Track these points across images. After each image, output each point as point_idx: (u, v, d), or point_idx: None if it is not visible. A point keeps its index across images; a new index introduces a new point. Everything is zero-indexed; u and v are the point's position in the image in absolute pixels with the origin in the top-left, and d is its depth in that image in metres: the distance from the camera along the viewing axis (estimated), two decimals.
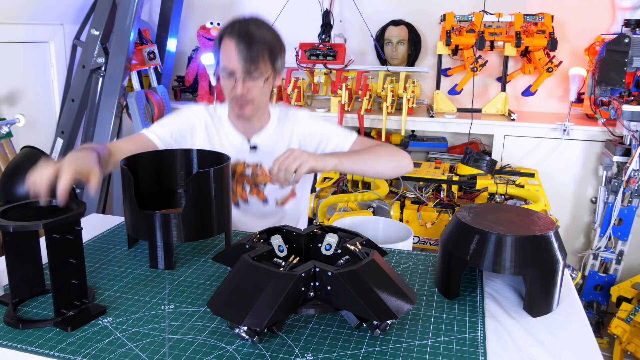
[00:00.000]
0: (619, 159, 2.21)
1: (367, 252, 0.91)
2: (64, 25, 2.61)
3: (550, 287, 0.94)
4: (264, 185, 1.51)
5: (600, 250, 2.32)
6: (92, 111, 2.50)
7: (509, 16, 2.51)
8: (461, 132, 2.62)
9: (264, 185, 1.51)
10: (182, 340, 0.85)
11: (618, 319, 2.07)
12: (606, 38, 2.37)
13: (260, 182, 1.51)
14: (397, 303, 0.84)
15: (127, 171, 1.09)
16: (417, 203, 2.18)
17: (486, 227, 0.95)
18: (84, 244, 0.98)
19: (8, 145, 2.19)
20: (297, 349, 0.83)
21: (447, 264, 1.00)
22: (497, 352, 0.83)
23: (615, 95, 2.28)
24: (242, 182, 1.51)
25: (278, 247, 0.98)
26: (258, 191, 1.52)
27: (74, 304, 0.92)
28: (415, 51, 2.79)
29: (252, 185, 1.51)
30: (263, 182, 1.51)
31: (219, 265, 1.12)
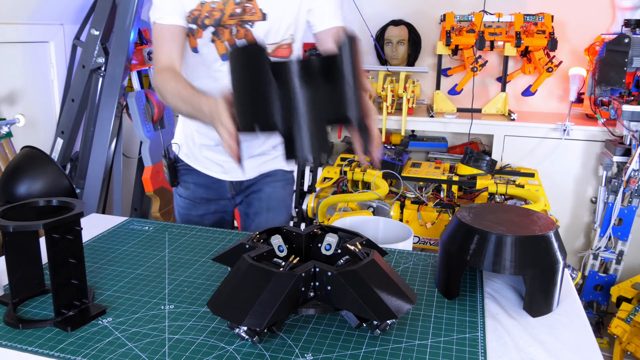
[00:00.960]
0: (619, 159, 2.21)
1: (367, 252, 0.91)
2: (64, 25, 2.61)
3: (550, 287, 0.94)
4: (251, 25, 1.33)
5: (600, 250, 2.32)
6: (92, 111, 2.50)
7: (509, 16, 2.51)
8: (461, 132, 2.62)
9: (252, 24, 1.33)
10: (182, 340, 0.85)
11: (618, 319, 2.07)
12: (606, 38, 2.37)
13: (249, 20, 1.33)
14: (397, 303, 0.84)
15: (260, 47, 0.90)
16: (417, 203, 2.18)
17: (486, 227, 0.95)
18: (84, 244, 0.98)
19: (8, 145, 2.19)
20: (297, 349, 0.83)
21: (447, 264, 1.00)
22: (497, 352, 0.83)
23: (615, 95, 2.28)
24: (230, 27, 1.34)
25: (278, 247, 0.98)
26: (246, 32, 1.35)
27: (74, 304, 0.92)
28: (415, 51, 2.79)
29: (239, 26, 1.34)
30: (251, 20, 1.33)
31: (219, 265, 1.12)
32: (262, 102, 0.91)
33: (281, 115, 0.90)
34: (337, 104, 0.90)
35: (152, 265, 1.13)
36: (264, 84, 0.90)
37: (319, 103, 0.89)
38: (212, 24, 1.31)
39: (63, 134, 2.51)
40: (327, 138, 0.92)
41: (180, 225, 1.36)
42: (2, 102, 2.34)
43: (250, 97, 0.93)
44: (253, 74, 0.91)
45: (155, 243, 1.25)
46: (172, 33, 1.31)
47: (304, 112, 0.88)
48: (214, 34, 1.33)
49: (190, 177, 1.55)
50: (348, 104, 0.91)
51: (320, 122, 0.91)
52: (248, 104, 0.94)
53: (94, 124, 2.47)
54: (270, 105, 0.90)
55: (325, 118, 0.91)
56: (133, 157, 2.88)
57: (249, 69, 0.92)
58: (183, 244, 1.24)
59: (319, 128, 0.90)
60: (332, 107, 0.91)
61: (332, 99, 0.90)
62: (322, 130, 0.91)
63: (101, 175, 2.42)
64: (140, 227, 1.34)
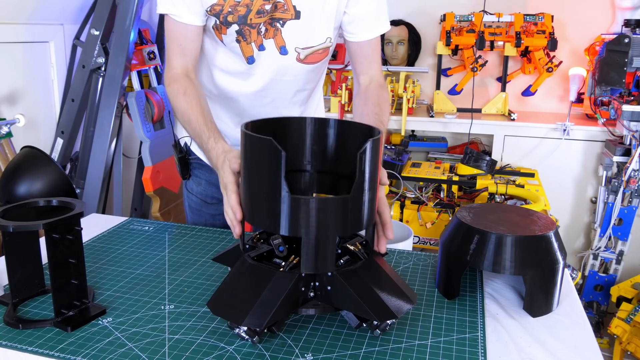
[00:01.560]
0: (619, 159, 2.21)
1: (367, 252, 0.91)
2: (64, 25, 2.61)
3: (550, 287, 0.94)
4: (282, 24, 1.18)
5: (600, 250, 2.32)
6: (92, 111, 2.49)
7: (509, 16, 2.51)
8: (461, 132, 2.62)
9: (283, 23, 1.17)
10: (182, 340, 0.85)
11: (618, 319, 2.07)
12: (606, 38, 2.37)
13: (280, 18, 1.17)
14: (397, 303, 0.84)
15: (276, 144, 0.78)
16: (417, 203, 2.18)
17: (486, 227, 0.95)
18: (84, 244, 0.98)
19: (8, 145, 2.19)
20: (297, 349, 0.83)
21: (447, 264, 1.00)
22: (497, 352, 0.83)
23: (615, 95, 2.28)
24: (258, 25, 1.17)
25: (278, 247, 0.98)
26: (275, 32, 1.18)
27: (74, 304, 0.92)
28: (415, 51, 2.79)
29: (268, 24, 1.18)
30: (282, 18, 1.17)
31: (219, 265, 1.12)
32: (269, 206, 0.82)
33: (288, 222, 0.81)
34: (351, 216, 0.82)
35: (152, 265, 1.13)
36: (274, 188, 0.80)
37: (330, 216, 0.81)
38: (236, 21, 1.15)
39: (63, 134, 2.51)
40: (333, 254, 0.84)
41: (180, 225, 1.36)
42: (2, 102, 2.34)
43: (256, 197, 0.85)
44: (264, 174, 0.82)
45: (155, 243, 1.24)
46: (189, 35, 1.18)
47: (313, 227, 0.81)
48: (238, 33, 1.17)
49: (202, 172, 1.45)
50: (362, 216, 0.84)
51: (329, 238, 0.82)
52: (254, 202, 0.86)
53: (94, 124, 2.47)
54: (279, 211, 0.81)
55: (335, 233, 0.83)
56: (133, 157, 2.88)
57: (260, 166, 0.83)
58: (183, 244, 1.24)
59: (326, 244, 0.82)
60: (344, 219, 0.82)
61: (345, 210, 0.81)
62: (328, 246, 0.83)
63: (101, 175, 2.42)
64: (140, 227, 1.34)
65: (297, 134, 0.96)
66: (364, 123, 0.94)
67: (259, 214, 0.84)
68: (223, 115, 1.34)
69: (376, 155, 0.84)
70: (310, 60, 1.24)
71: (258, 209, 0.84)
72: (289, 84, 1.27)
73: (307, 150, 0.97)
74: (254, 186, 0.84)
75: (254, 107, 1.30)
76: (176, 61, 1.20)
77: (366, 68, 1.29)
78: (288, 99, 1.30)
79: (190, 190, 1.48)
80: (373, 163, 0.82)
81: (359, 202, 0.82)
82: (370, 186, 0.83)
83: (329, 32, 1.22)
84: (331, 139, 0.96)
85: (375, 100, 1.22)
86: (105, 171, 2.43)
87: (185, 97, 1.15)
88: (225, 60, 1.24)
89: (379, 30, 1.25)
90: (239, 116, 1.33)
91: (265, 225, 0.84)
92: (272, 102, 1.30)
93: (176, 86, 1.17)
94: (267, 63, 1.22)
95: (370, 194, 0.84)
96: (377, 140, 0.83)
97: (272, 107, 1.30)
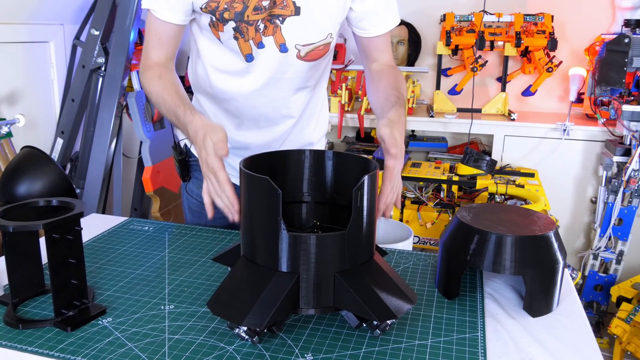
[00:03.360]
0: (619, 159, 2.21)
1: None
2: (64, 25, 2.61)
3: (550, 287, 0.94)
4: (282, 20, 1.14)
5: (600, 250, 2.32)
6: (92, 111, 2.50)
7: (509, 16, 2.51)
8: (461, 132, 2.62)
9: (282, 20, 1.14)
10: (182, 340, 0.85)
11: (618, 319, 2.07)
12: (606, 38, 2.37)
13: (279, 14, 1.14)
14: (397, 303, 0.84)
15: (272, 184, 0.80)
16: (417, 203, 2.18)
17: (486, 227, 0.95)
18: (84, 244, 0.98)
19: (8, 145, 2.19)
20: (297, 349, 0.83)
21: (447, 264, 1.00)
22: (497, 352, 0.83)
23: (615, 95, 2.28)
24: (256, 22, 1.14)
25: None
26: (275, 29, 1.15)
27: (74, 304, 0.92)
28: (415, 51, 2.79)
29: (267, 21, 1.15)
30: (282, 14, 1.14)
31: (219, 265, 1.12)
32: (268, 242, 0.83)
33: (288, 259, 0.82)
34: (349, 250, 0.83)
35: (152, 265, 1.13)
36: (272, 226, 0.81)
37: (329, 252, 0.82)
38: (233, 18, 1.12)
39: (63, 134, 2.51)
40: (332, 292, 0.84)
41: (180, 225, 1.36)
42: (2, 102, 2.34)
43: (255, 233, 0.86)
44: (262, 212, 0.83)
45: (155, 243, 1.24)
46: (167, 32, 1.16)
47: (312, 264, 0.82)
48: (235, 30, 1.14)
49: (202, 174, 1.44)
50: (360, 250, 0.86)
51: (328, 274, 0.83)
52: (252, 237, 0.87)
53: (94, 124, 2.47)
54: (277, 249, 0.82)
55: (333, 268, 0.83)
56: (133, 157, 2.88)
57: (258, 204, 0.84)
58: (183, 244, 1.24)
59: (326, 280, 0.83)
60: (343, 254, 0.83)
61: (343, 246, 0.82)
62: (328, 283, 0.83)
63: (101, 175, 2.42)
64: (140, 227, 1.34)
65: (296, 166, 0.99)
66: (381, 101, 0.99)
67: (259, 250, 0.86)
68: (222, 117, 1.32)
69: (373, 190, 0.86)
70: (310, 57, 1.22)
71: (258, 245, 0.86)
72: (289, 82, 1.25)
73: (305, 181, 1.00)
74: (253, 224, 0.86)
75: (254, 108, 1.27)
76: (153, 53, 1.19)
77: (377, 57, 1.28)
78: (289, 97, 1.28)
79: (190, 192, 1.45)
80: (370, 198, 0.85)
81: (356, 237, 0.84)
82: (368, 220, 0.85)
83: (330, 28, 1.19)
84: (329, 170, 0.99)
85: (390, 78, 1.21)
86: (105, 171, 2.44)
87: (160, 80, 1.14)
88: (223, 59, 1.22)
89: (390, 24, 1.26)
90: (238, 118, 1.30)
91: (265, 261, 0.85)
92: (273, 102, 1.27)
93: (150, 72, 1.16)
94: (267, 61, 1.19)
95: (367, 229, 0.86)
96: (374, 175, 0.85)
97: (272, 107, 1.28)
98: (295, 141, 1.37)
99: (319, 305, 0.84)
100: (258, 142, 1.33)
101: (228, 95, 1.27)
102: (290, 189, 0.99)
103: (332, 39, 1.22)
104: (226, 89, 1.26)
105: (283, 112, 1.30)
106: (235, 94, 1.26)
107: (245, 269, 0.87)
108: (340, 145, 2.85)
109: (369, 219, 0.86)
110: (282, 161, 0.98)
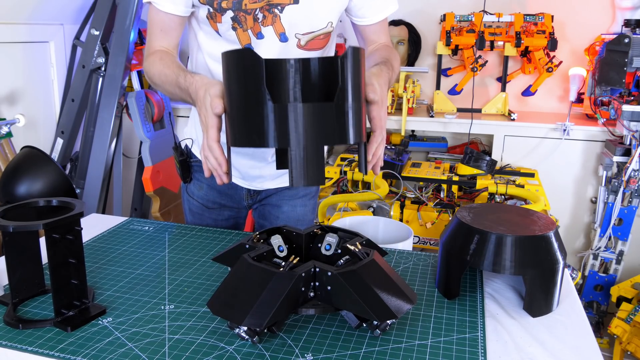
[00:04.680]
0: (619, 159, 2.21)
1: (367, 252, 0.91)
2: (64, 25, 2.61)
3: (550, 287, 0.94)
4: (280, 10, 1.13)
5: (600, 250, 2.32)
6: (92, 111, 2.50)
7: (509, 16, 2.51)
8: (461, 132, 2.62)
9: (281, 8, 1.13)
10: (182, 340, 0.85)
11: (618, 319, 2.07)
12: (606, 38, 2.37)
13: (277, 3, 1.13)
14: (397, 303, 0.84)
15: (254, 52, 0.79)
16: (417, 203, 2.18)
17: (486, 227, 0.95)
18: (84, 244, 0.98)
19: (8, 145, 2.19)
20: (297, 349, 0.83)
21: (447, 264, 1.00)
22: (497, 352, 0.83)
23: (615, 95, 2.28)
24: (254, 11, 1.14)
25: (278, 247, 0.98)
26: (274, 19, 1.15)
27: (74, 304, 0.92)
28: (415, 51, 2.80)
29: (265, 11, 1.14)
30: (280, 3, 1.13)
31: (219, 265, 1.12)
32: (254, 119, 0.81)
33: (275, 133, 0.81)
34: (337, 124, 0.81)
35: (152, 265, 1.13)
36: (258, 99, 0.80)
37: (316, 123, 0.79)
38: (230, 7, 1.12)
39: (63, 134, 2.51)
40: (322, 166, 0.82)
41: (180, 225, 1.36)
42: (2, 102, 2.34)
43: (241, 113, 0.84)
44: (247, 85, 0.81)
45: (155, 243, 1.25)
46: (169, 23, 1.16)
47: (300, 135, 0.79)
48: (233, 20, 1.14)
49: (204, 176, 1.37)
50: (347, 126, 0.82)
51: (317, 146, 0.81)
52: (239, 120, 0.85)
53: (94, 124, 2.47)
54: (264, 122, 0.80)
55: (322, 141, 0.81)
56: (133, 157, 2.88)
57: (241, 80, 0.82)
58: (183, 244, 1.24)
59: (315, 153, 0.81)
60: (330, 128, 0.81)
61: (331, 118, 0.81)
62: (318, 156, 0.82)
63: (101, 175, 2.42)
64: (140, 227, 1.34)
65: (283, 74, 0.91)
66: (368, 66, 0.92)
67: (244, 131, 0.82)
68: None
69: (358, 65, 0.83)
70: (311, 46, 1.21)
71: (243, 126, 0.82)
72: None
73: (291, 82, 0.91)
74: (237, 103, 0.83)
75: None
76: (156, 43, 1.18)
77: (374, 40, 1.28)
78: None
79: (190, 194, 1.44)
80: (355, 71, 0.82)
81: (343, 109, 0.81)
82: (355, 96, 0.82)
83: (330, 17, 1.18)
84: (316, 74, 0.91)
85: (382, 52, 1.20)
86: (105, 171, 2.44)
87: (161, 60, 1.13)
88: None
89: (388, 10, 1.24)
90: None
91: (252, 141, 0.81)
92: None
93: (152, 57, 1.16)
94: (267, 51, 1.17)
95: (355, 105, 0.83)
96: (358, 49, 0.83)
97: None
98: None
99: (309, 180, 0.81)
100: None
101: None
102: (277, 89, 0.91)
103: (332, 28, 1.21)
104: None
105: None
106: None
107: (245, 269, 0.87)
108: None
109: (356, 93, 0.82)
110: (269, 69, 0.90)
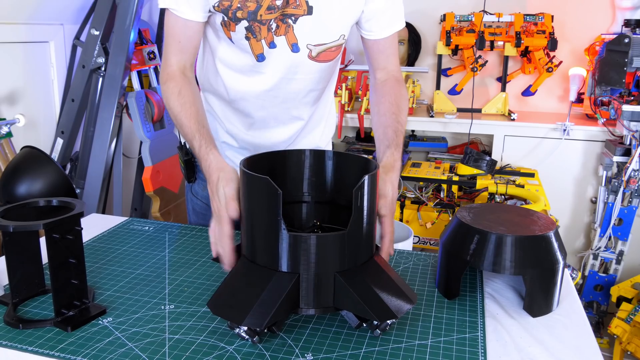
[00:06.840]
0: (619, 159, 2.21)
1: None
2: (64, 25, 2.61)
3: (550, 287, 0.94)
4: (294, 20, 1.14)
5: (600, 250, 2.32)
6: (92, 111, 2.50)
7: (509, 16, 2.51)
8: (461, 132, 2.62)
9: (295, 19, 1.14)
10: (182, 340, 0.85)
11: (618, 319, 2.07)
12: (606, 38, 2.37)
13: (291, 14, 1.13)
14: (397, 303, 0.84)
15: (273, 184, 0.80)
16: (417, 203, 2.18)
17: (486, 227, 0.95)
18: (84, 244, 0.98)
19: (8, 145, 2.19)
20: (297, 349, 0.83)
21: (447, 264, 1.00)
22: (497, 352, 0.83)
23: (615, 95, 2.28)
24: (269, 22, 1.13)
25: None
26: (287, 29, 1.15)
27: (74, 304, 0.92)
28: (415, 51, 2.80)
29: (279, 21, 1.14)
30: (294, 14, 1.13)
31: (219, 265, 1.12)
32: (268, 242, 0.83)
33: (288, 259, 0.82)
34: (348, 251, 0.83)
35: (152, 265, 1.13)
36: (273, 226, 0.81)
37: (329, 252, 0.82)
38: (246, 17, 1.12)
39: (63, 134, 2.51)
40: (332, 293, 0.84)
41: (180, 225, 1.36)
42: (2, 102, 2.34)
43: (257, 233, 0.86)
44: (263, 211, 0.83)
45: (155, 243, 1.24)
46: (187, 32, 1.14)
47: (312, 264, 0.82)
48: (247, 29, 1.13)
49: None
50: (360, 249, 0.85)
51: (329, 276, 0.83)
52: (255, 242, 0.87)
53: (94, 124, 2.47)
54: (278, 248, 0.82)
55: (333, 269, 0.83)
56: (133, 157, 2.88)
57: (259, 204, 0.84)
58: (183, 244, 1.24)
59: (326, 282, 0.83)
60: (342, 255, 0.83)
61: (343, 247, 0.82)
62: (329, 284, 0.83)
63: (101, 175, 2.42)
64: (140, 227, 1.34)
65: (296, 166, 0.99)
66: (380, 133, 0.99)
67: (259, 250, 0.86)
68: (232, 117, 1.31)
69: (373, 190, 0.86)
70: (322, 58, 1.21)
71: (258, 245, 0.86)
72: (300, 82, 1.24)
73: (305, 181, 1.00)
74: (253, 224, 0.86)
75: (265, 108, 1.26)
76: (173, 58, 1.17)
77: (383, 63, 1.27)
78: (299, 99, 1.27)
79: (195, 194, 1.44)
80: (370, 198, 0.84)
81: (356, 237, 0.84)
82: (368, 221, 0.85)
83: (342, 29, 1.19)
84: (329, 170, 0.99)
85: (392, 99, 1.20)
86: (105, 171, 2.44)
87: (180, 97, 1.13)
88: (234, 58, 1.21)
89: (396, 27, 1.24)
90: (248, 117, 1.29)
91: (265, 261, 0.85)
92: (283, 103, 1.27)
93: (171, 85, 1.15)
94: (278, 61, 1.18)
95: (367, 229, 0.86)
96: (374, 175, 0.85)
97: (282, 107, 1.27)
98: (303, 144, 1.37)
99: (319, 305, 0.84)
100: (266, 142, 1.32)
101: (238, 94, 1.26)
102: (290, 188, 0.99)
103: (344, 41, 1.21)
104: (236, 88, 1.25)
105: (293, 114, 1.29)
106: (245, 94, 1.25)
107: (245, 269, 0.87)
108: (340, 145, 2.85)
109: (369, 219, 0.86)
110: (282, 161, 0.98)
